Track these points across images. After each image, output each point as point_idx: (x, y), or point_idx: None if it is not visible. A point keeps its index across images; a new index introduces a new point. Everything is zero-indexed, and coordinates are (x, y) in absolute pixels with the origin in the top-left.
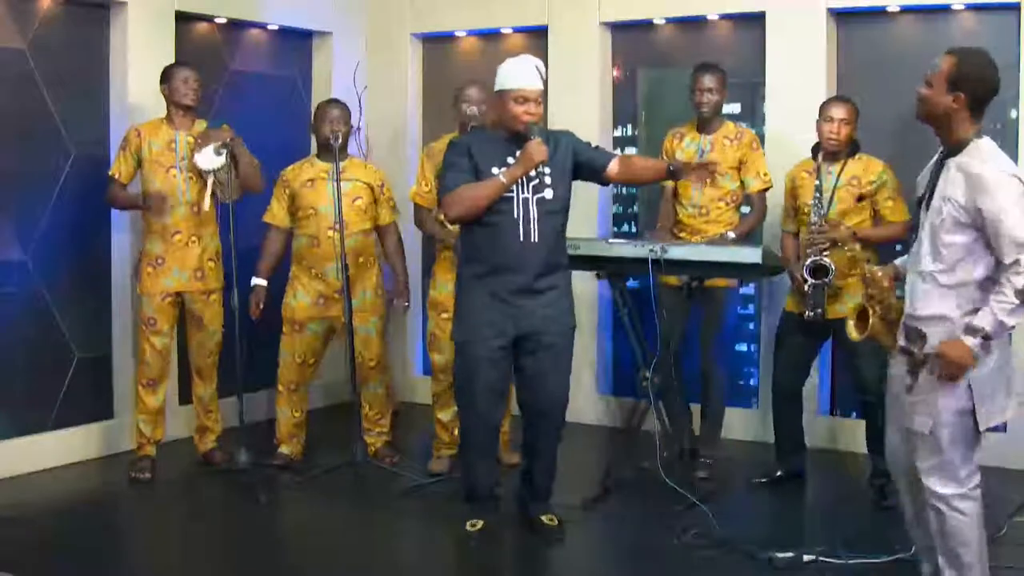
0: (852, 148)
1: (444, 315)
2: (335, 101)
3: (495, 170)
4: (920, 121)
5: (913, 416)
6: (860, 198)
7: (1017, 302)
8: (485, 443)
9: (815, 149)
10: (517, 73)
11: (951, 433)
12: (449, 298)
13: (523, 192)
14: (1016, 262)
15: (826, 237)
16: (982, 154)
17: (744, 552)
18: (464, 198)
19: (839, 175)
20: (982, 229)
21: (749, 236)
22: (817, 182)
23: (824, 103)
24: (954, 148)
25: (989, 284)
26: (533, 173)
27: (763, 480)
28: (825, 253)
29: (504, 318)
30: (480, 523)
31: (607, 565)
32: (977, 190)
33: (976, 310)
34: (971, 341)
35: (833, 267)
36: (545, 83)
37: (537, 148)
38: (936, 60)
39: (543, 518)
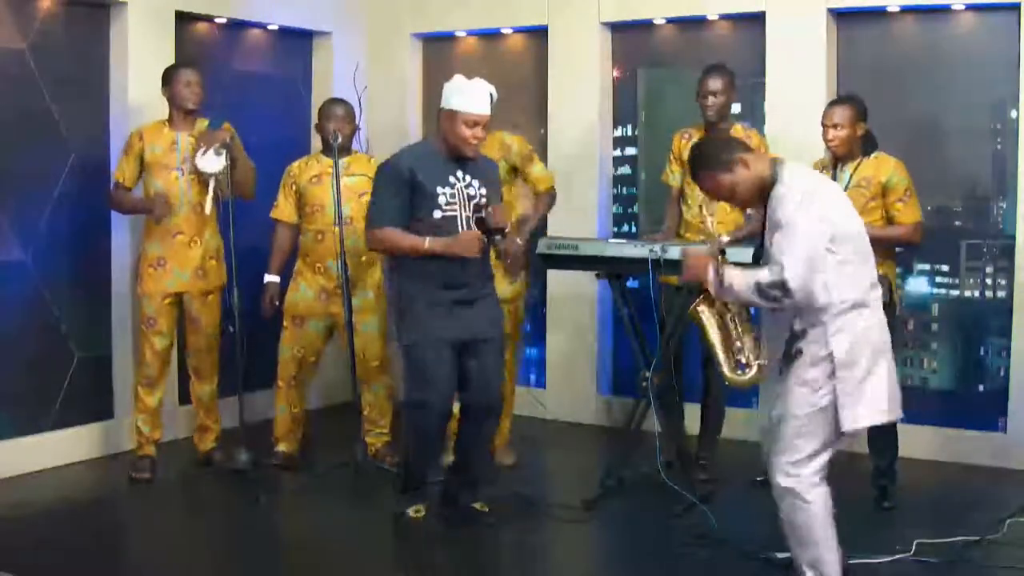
0: (868, 147)
1: None
2: (339, 100)
3: (440, 188)
4: (757, 206)
5: (776, 404)
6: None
7: (754, 288)
8: (438, 439)
9: None
10: (471, 96)
11: (800, 426)
12: None
13: (465, 211)
14: (781, 270)
15: None
16: (786, 180)
17: (744, 552)
18: (386, 243)
19: (852, 176)
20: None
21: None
22: None
23: (825, 107)
24: (769, 189)
25: (840, 288)
26: (474, 192)
27: (763, 480)
28: None
29: (450, 322)
30: (423, 509)
31: (607, 565)
32: (777, 202)
33: (844, 310)
34: (711, 274)
35: None
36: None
37: (470, 244)
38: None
39: (476, 506)
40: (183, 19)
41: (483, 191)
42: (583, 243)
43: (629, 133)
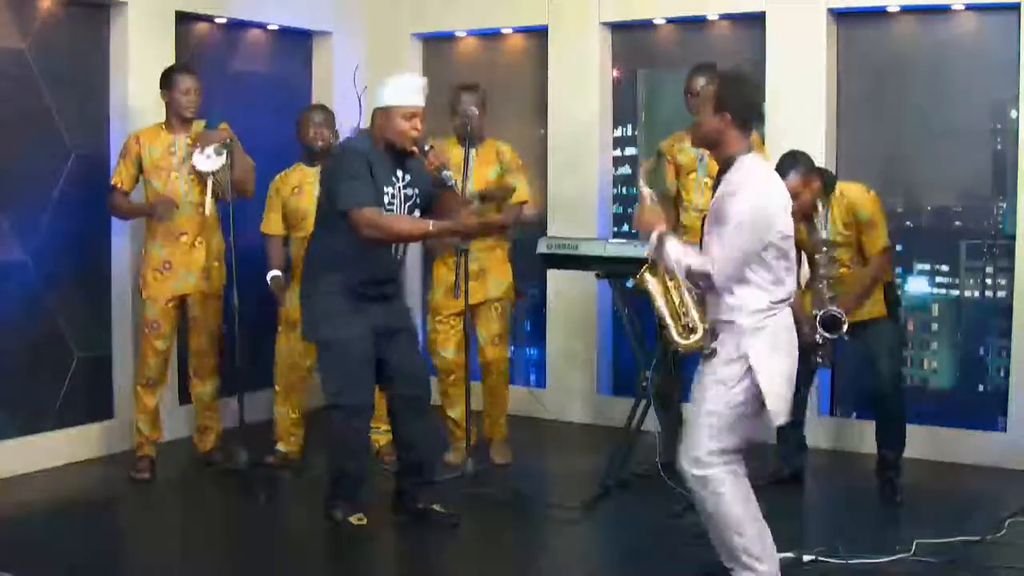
0: (829, 187)
1: (439, 318)
2: (318, 107)
3: (387, 188)
4: (695, 145)
5: (694, 397)
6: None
7: (684, 268)
8: (363, 436)
9: None
10: (404, 90)
11: (716, 422)
12: None
13: (401, 211)
14: (712, 264)
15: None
16: (744, 170)
17: None
18: (386, 227)
19: (829, 222)
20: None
21: None
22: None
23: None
24: (725, 165)
25: (759, 289)
26: (410, 192)
27: (761, 482)
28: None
29: (367, 314)
30: (365, 518)
31: (607, 565)
32: (727, 194)
33: (759, 311)
34: (656, 233)
35: (846, 321)
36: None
37: (473, 227)
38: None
39: (435, 507)
40: (183, 19)
41: (416, 190)
42: (583, 243)
43: (629, 133)
